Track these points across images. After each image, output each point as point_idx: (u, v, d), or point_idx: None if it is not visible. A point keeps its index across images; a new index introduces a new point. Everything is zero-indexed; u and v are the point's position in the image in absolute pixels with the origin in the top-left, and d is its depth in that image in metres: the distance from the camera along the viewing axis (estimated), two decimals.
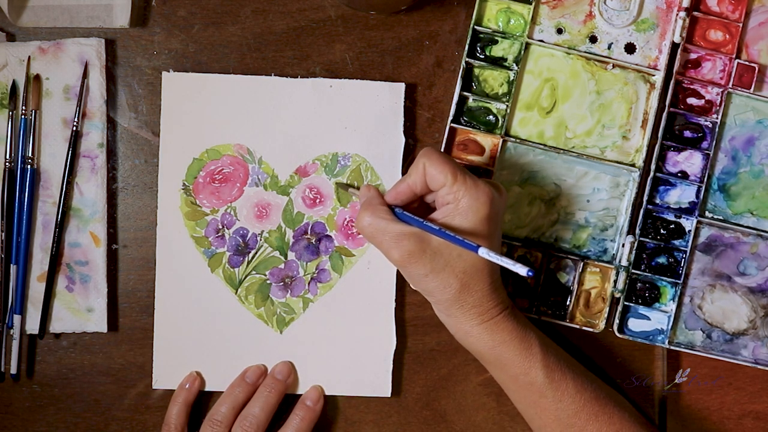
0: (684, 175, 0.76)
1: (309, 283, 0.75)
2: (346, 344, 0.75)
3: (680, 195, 0.76)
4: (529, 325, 0.70)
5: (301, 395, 0.75)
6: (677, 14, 0.75)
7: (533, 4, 0.74)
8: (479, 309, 0.67)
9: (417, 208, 0.70)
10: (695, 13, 0.75)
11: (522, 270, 0.58)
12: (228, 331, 0.75)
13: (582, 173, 0.76)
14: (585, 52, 0.75)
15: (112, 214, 0.75)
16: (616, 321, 0.75)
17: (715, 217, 0.77)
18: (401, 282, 0.75)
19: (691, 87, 0.76)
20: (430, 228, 0.63)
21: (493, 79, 0.75)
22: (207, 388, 0.75)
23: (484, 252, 0.60)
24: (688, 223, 0.76)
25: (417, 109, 0.76)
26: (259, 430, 0.72)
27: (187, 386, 0.74)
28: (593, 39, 0.76)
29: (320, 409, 0.74)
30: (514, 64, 0.75)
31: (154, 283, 0.75)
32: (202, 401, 0.75)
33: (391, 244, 0.64)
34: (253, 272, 0.75)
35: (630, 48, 0.76)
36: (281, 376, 0.74)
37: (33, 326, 0.74)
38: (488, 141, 0.75)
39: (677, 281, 0.76)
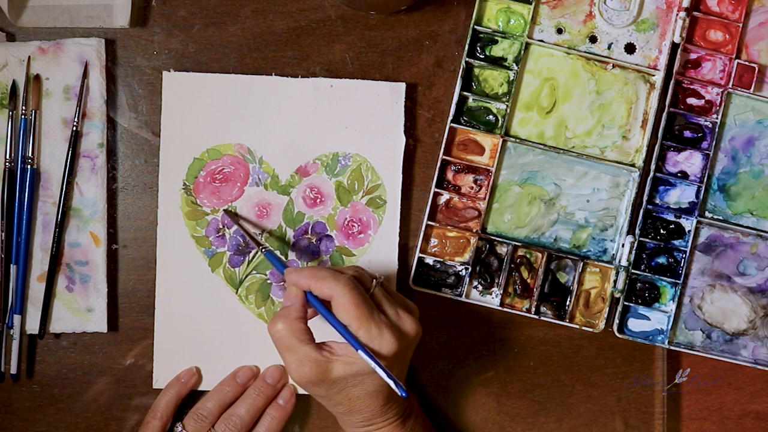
0: (684, 175, 0.76)
1: None
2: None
3: (680, 195, 0.76)
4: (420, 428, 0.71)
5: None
6: (677, 14, 0.75)
7: (533, 4, 0.75)
8: (365, 423, 0.68)
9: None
10: (695, 13, 0.75)
11: (399, 390, 0.61)
12: (228, 330, 0.75)
13: (582, 173, 0.76)
14: (585, 52, 0.75)
15: (112, 214, 0.75)
16: (616, 321, 0.75)
17: (715, 217, 0.77)
18: (401, 282, 0.75)
19: (691, 87, 0.76)
20: (332, 322, 0.64)
21: (493, 79, 0.75)
22: (207, 388, 0.75)
23: (363, 354, 0.62)
24: (688, 223, 0.76)
25: (417, 109, 0.76)
26: (242, 431, 0.72)
27: (183, 380, 0.74)
28: (593, 39, 0.76)
29: (292, 408, 0.74)
30: (514, 64, 0.75)
31: (154, 283, 0.75)
32: (196, 398, 0.75)
33: (293, 365, 0.64)
34: (254, 272, 0.75)
35: (630, 48, 0.76)
36: (272, 380, 0.74)
37: (33, 326, 0.74)
38: (488, 141, 0.75)
39: (677, 281, 0.76)
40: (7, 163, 0.73)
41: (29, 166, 0.73)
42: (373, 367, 0.61)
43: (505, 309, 0.75)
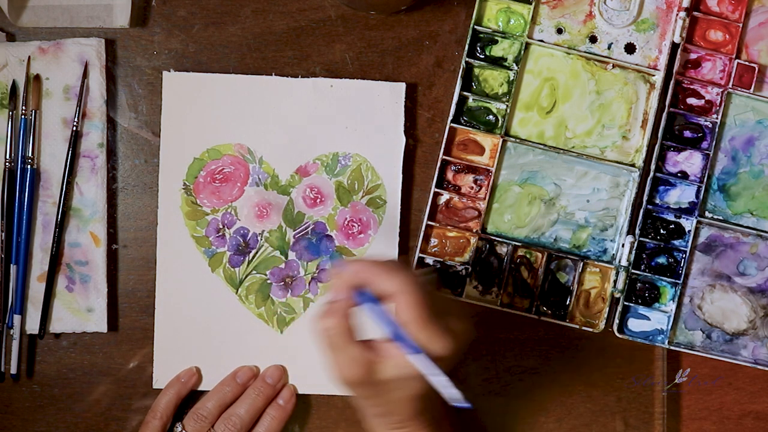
0: (684, 175, 0.76)
1: (309, 283, 0.75)
2: None
3: (680, 195, 0.76)
4: None
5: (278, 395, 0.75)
6: (677, 14, 0.75)
7: (533, 4, 0.75)
8: (400, 426, 0.65)
9: None
10: (695, 13, 0.75)
11: (462, 403, 0.58)
12: (228, 330, 0.75)
13: (582, 173, 0.76)
14: (585, 52, 0.75)
15: (112, 214, 0.75)
16: (616, 321, 0.75)
17: (715, 217, 0.77)
18: None
19: (691, 87, 0.76)
20: (387, 322, 0.60)
21: (493, 79, 0.75)
22: (206, 388, 0.75)
23: (421, 360, 0.58)
24: (688, 223, 0.76)
25: (417, 109, 0.76)
26: (241, 431, 0.72)
27: (183, 380, 0.74)
28: (593, 39, 0.76)
29: (291, 408, 0.74)
30: (514, 64, 0.75)
31: (154, 283, 0.75)
32: (196, 398, 0.75)
33: (341, 364, 0.61)
34: (254, 272, 0.75)
35: (630, 48, 0.76)
36: (272, 381, 0.74)
37: (33, 326, 0.74)
38: (488, 141, 0.75)
39: (677, 281, 0.76)
40: (7, 163, 0.73)
41: (29, 166, 0.73)
42: (431, 378, 0.58)
43: (505, 309, 0.75)
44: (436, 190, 0.75)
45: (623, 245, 0.75)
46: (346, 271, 0.61)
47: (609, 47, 0.76)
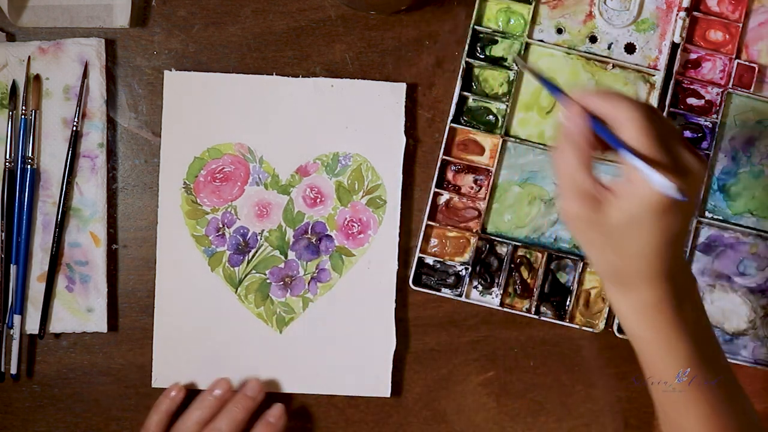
0: None
1: (309, 283, 0.75)
2: (345, 344, 0.75)
3: None
4: (689, 332, 0.59)
5: (269, 404, 0.74)
6: (677, 14, 0.75)
7: (533, 4, 0.75)
8: (636, 296, 0.58)
9: None
10: (695, 13, 0.75)
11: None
12: (227, 330, 0.75)
13: None
14: (585, 52, 0.75)
15: (112, 214, 0.75)
16: (616, 321, 0.75)
17: (715, 217, 0.77)
18: (401, 282, 0.76)
19: (691, 87, 0.76)
20: (619, 146, 0.54)
21: (493, 79, 0.75)
22: (205, 387, 0.74)
23: (657, 178, 0.51)
24: None
25: (417, 109, 0.76)
26: None
27: (172, 394, 0.73)
28: (593, 39, 0.76)
29: (282, 426, 0.73)
30: (514, 64, 0.75)
31: (154, 283, 0.75)
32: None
33: (569, 195, 0.55)
34: (253, 271, 0.75)
35: (630, 48, 0.76)
36: (251, 393, 0.73)
37: (33, 326, 0.74)
38: (488, 141, 0.75)
39: None
40: (7, 163, 0.73)
41: (29, 166, 0.73)
42: (666, 190, 0.51)
43: (505, 309, 0.75)
44: (436, 190, 0.75)
45: None
46: (577, 97, 0.57)
47: (609, 47, 0.76)
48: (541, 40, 0.75)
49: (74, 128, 0.73)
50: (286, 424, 0.74)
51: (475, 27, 0.75)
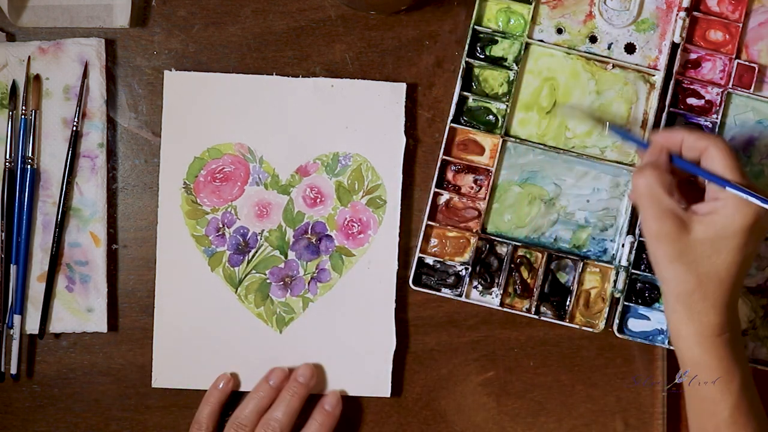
0: None
1: (309, 283, 0.75)
2: (345, 344, 0.75)
3: None
4: (740, 361, 0.65)
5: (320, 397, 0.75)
6: (677, 14, 0.75)
7: (533, 4, 0.75)
8: (703, 319, 0.64)
9: None
10: (695, 13, 0.75)
11: None
12: (227, 330, 0.75)
13: (582, 173, 0.76)
14: (585, 52, 0.75)
15: (112, 214, 0.75)
16: (616, 321, 0.75)
17: None
18: (401, 282, 0.76)
19: (691, 87, 0.76)
20: (703, 174, 0.64)
21: (493, 79, 0.75)
22: (205, 387, 0.75)
23: (752, 199, 0.61)
24: None
25: (417, 109, 0.76)
26: None
27: (221, 386, 0.74)
28: (593, 39, 0.76)
29: (339, 414, 0.74)
30: (514, 64, 0.75)
31: (154, 283, 0.75)
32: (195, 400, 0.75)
33: (654, 216, 0.63)
34: (253, 271, 0.75)
35: (630, 48, 0.76)
36: (303, 380, 0.73)
37: (33, 326, 0.74)
38: (488, 141, 0.75)
39: None
40: (7, 163, 0.73)
41: (29, 166, 0.73)
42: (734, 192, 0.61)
43: (505, 309, 0.75)
44: (436, 190, 0.75)
45: (623, 245, 0.75)
46: (657, 137, 0.66)
47: (609, 47, 0.76)
48: (541, 40, 0.75)
49: (74, 128, 0.74)
50: (341, 412, 0.74)
51: (475, 27, 0.75)
